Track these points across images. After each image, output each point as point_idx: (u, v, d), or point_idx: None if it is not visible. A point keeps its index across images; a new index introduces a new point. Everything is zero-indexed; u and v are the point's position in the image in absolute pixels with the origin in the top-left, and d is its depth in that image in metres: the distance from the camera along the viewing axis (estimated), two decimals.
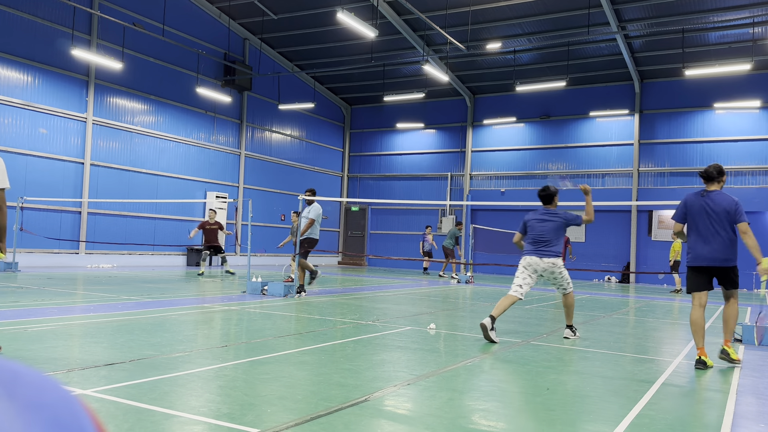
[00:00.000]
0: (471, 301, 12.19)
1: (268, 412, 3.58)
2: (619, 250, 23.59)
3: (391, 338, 6.71)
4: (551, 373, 5.19)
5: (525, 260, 7.07)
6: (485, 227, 23.82)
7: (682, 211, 5.98)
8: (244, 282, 13.71)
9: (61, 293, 9.96)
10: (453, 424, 3.50)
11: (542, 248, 6.99)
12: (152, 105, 20.37)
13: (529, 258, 7.03)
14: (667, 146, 23.32)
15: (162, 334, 6.26)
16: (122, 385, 4.06)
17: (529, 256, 7.03)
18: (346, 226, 29.77)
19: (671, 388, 4.79)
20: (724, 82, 21.92)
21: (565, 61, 22.53)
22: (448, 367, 5.21)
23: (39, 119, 17.11)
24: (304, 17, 21.96)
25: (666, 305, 13.30)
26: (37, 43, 17.09)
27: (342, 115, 29.81)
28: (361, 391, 4.18)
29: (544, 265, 6.95)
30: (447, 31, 18.93)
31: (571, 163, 24.76)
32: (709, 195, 5.79)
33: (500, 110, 26.00)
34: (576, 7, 19.28)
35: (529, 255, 7.05)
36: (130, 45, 19.26)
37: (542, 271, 7.00)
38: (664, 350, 7.00)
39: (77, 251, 18.14)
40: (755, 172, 21.69)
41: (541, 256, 6.96)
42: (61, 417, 0.49)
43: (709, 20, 19.32)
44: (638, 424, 3.68)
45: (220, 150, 22.91)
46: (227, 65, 22.64)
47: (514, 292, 6.99)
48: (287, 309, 9.09)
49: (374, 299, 11.56)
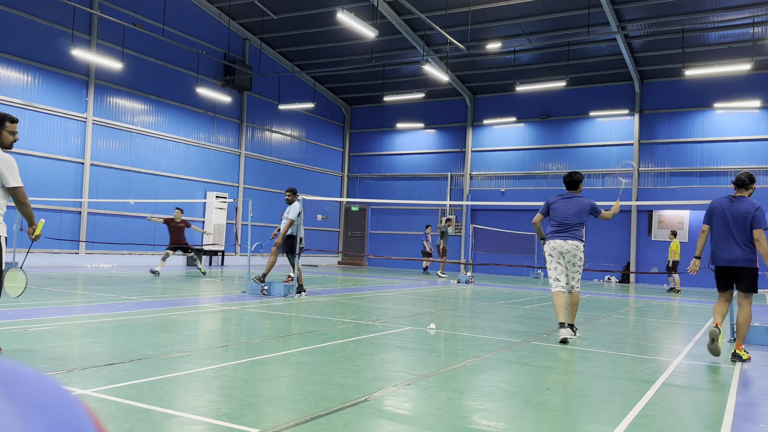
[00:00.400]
0: (471, 301, 12.19)
1: (268, 412, 3.58)
2: (619, 250, 23.58)
3: (391, 338, 6.71)
4: (551, 373, 5.19)
5: (549, 245, 7.12)
6: (485, 227, 23.83)
7: (708, 214, 6.47)
8: (244, 282, 13.72)
9: (61, 293, 9.95)
10: (453, 424, 3.50)
11: (566, 231, 7.05)
12: (152, 105, 20.37)
13: (553, 242, 7.08)
14: (667, 146, 23.32)
15: (162, 334, 6.26)
16: (122, 385, 4.06)
17: (553, 240, 7.09)
18: (346, 226, 29.77)
19: (671, 388, 4.79)
20: (724, 82, 21.92)
21: (565, 61, 22.53)
22: (448, 367, 5.21)
23: (39, 119, 17.11)
24: (304, 17, 21.96)
25: (666, 305, 13.30)
26: (37, 43, 17.09)
27: (342, 115, 29.81)
28: (361, 391, 4.18)
29: (568, 246, 7.02)
30: (447, 31, 18.93)
31: (571, 163, 24.75)
32: (736, 200, 6.16)
33: (500, 110, 26.00)
34: (576, 7, 19.28)
35: (552, 239, 7.10)
36: (130, 45, 19.26)
37: (566, 253, 7.04)
38: (664, 350, 7.00)
39: (77, 251, 18.14)
40: (755, 172, 21.68)
41: (565, 239, 7.03)
42: (61, 417, 0.49)
43: (709, 20, 19.32)
44: (638, 424, 3.67)
45: (220, 150, 22.91)
46: (227, 65, 22.64)
47: (556, 287, 7.05)
48: (287, 309, 9.09)
49: (374, 299, 11.55)
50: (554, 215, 7.18)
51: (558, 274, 7.07)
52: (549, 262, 7.13)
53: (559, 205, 7.18)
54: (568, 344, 6.82)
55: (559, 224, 7.10)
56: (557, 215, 7.14)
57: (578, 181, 7.29)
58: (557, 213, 7.15)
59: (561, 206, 7.17)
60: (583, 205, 7.14)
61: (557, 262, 7.08)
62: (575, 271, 7.10)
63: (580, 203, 7.16)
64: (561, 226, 7.09)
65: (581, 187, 7.33)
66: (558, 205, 7.19)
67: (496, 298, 12.83)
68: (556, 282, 7.07)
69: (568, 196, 7.26)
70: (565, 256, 7.07)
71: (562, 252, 7.05)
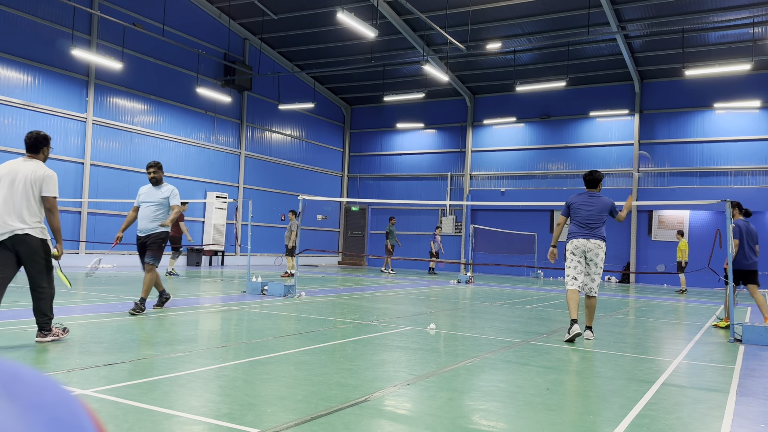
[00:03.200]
0: (471, 302, 12.19)
1: (268, 412, 3.58)
2: (619, 250, 23.58)
3: (391, 338, 6.71)
4: (551, 373, 5.19)
5: (572, 244, 7.10)
6: (485, 227, 23.83)
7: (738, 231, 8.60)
8: (244, 282, 13.71)
9: (61, 293, 9.94)
10: (453, 424, 3.50)
11: (589, 231, 7.05)
12: (152, 105, 20.37)
13: (576, 241, 7.07)
14: (667, 146, 23.31)
15: (162, 334, 6.26)
16: (122, 385, 4.06)
17: (576, 239, 7.08)
18: (346, 226, 29.77)
19: (671, 388, 4.79)
20: (724, 82, 21.92)
21: (565, 61, 22.53)
22: (448, 367, 5.21)
23: (39, 119, 17.10)
24: (304, 17, 21.96)
25: (666, 305, 13.29)
26: (37, 43, 17.09)
27: (342, 115, 29.81)
28: (361, 391, 4.18)
29: (591, 245, 7.02)
30: (447, 31, 18.93)
31: (571, 163, 24.76)
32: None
33: (500, 110, 26.00)
34: (576, 7, 19.28)
35: (576, 238, 7.09)
36: (130, 45, 19.26)
37: (588, 252, 7.04)
38: (664, 350, 7.00)
39: (77, 251, 18.14)
40: (755, 172, 21.68)
41: (588, 238, 7.03)
42: (61, 417, 0.49)
43: (709, 20, 19.32)
44: (638, 424, 3.68)
45: (220, 150, 22.90)
46: (227, 65, 22.64)
47: (572, 286, 7.03)
48: (287, 309, 9.09)
49: (374, 299, 11.55)
50: (576, 215, 7.16)
51: (577, 273, 7.05)
52: (570, 260, 7.10)
53: (581, 205, 7.16)
54: (574, 343, 6.82)
55: (583, 224, 7.09)
56: (580, 214, 7.12)
57: (599, 180, 7.30)
58: (580, 212, 7.13)
59: (583, 205, 7.15)
60: (605, 204, 7.16)
61: (578, 260, 7.08)
62: (596, 272, 7.09)
63: (602, 202, 7.17)
64: (584, 226, 7.08)
65: (601, 185, 7.34)
66: (580, 205, 7.17)
67: (496, 298, 12.83)
68: (573, 281, 7.04)
69: (590, 195, 7.24)
70: (587, 254, 7.07)
71: (584, 251, 7.05)
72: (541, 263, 24.20)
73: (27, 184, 5.47)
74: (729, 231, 7.91)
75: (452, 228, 26.73)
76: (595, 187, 7.30)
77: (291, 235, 17.01)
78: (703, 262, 12.81)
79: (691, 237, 22.12)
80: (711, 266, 9.17)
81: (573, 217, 7.21)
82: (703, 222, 22.34)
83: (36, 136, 5.64)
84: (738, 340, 7.54)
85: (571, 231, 7.18)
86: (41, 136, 5.68)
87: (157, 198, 8.35)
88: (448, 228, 26.82)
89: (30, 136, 5.64)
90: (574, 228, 7.16)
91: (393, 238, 22.16)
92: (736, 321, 8.06)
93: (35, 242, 5.42)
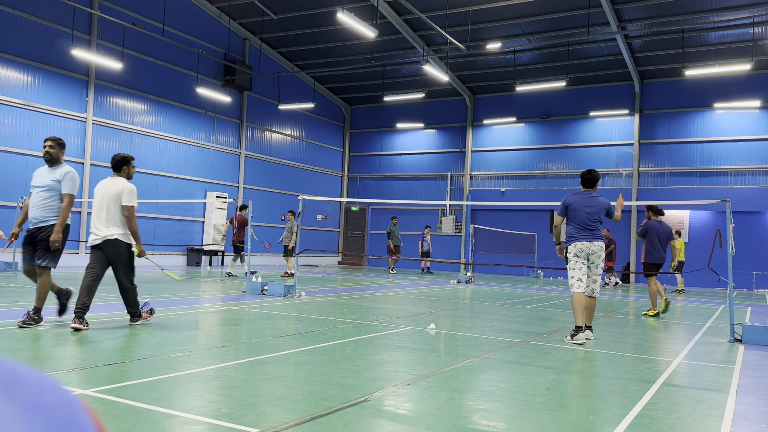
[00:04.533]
0: (471, 302, 12.19)
1: (268, 412, 3.58)
2: (619, 250, 23.54)
3: (391, 338, 6.71)
4: (551, 373, 5.19)
5: (576, 247, 7.07)
6: (485, 227, 23.84)
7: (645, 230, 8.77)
8: (243, 282, 13.72)
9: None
10: (453, 424, 3.50)
11: (590, 233, 7.05)
12: (152, 105, 20.37)
13: (580, 244, 7.05)
14: (667, 146, 23.32)
15: (162, 334, 6.26)
16: (122, 385, 4.06)
17: (580, 242, 7.05)
18: (346, 226, 29.77)
19: (671, 388, 4.79)
20: (724, 82, 21.92)
21: (565, 61, 22.54)
22: (448, 367, 5.21)
23: (39, 119, 17.11)
24: (304, 17, 21.96)
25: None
26: (37, 43, 17.09)
27: (342, 115, 29.81)
28: (361, 391, 4.18)
29: (594, 248, 7.03)
30: (447, 31, 18.93)
31: (571, 163, 24.76)
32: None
33: (500, 110, 26.00)
34: (576, 7, 19.28)
35: (579, 240, 7.06)
36: (130, 45, 19.26)
37: (591, 254, 7.05)
38: (664, 350, 7.00)
39: (77, 251, 18.14)
40: (755, 172, 21.68)
41: (591, 240, 7.03)
42: (61, 417, 0.49)
43: (709, 20, 19.32)
44: (638, 424, 3.68)
45: (220, 150, 22.91)
46: (227, 65, 22.64)
47: (578, 288, 7.01)
48: (287, 309, 9.09)
49: (374, 299, 11.55)
50: (576, 216, 7.11)
51: (582, 275, 7.03)
52: (574, 263, 7.06)
53: (580, 206, 7.12)
54: (583, 346, 6.81)
55: (583, 225, 7.07)
56: (579, 216, 7.09)
57: (596, 179, 7.29)
58: (579, 213, 7.09)
59: (582, 206, 7.11)
60: (602, 204, 7.16)
61: (582, 263, 7.06)
62: (597, 273, 7.10)
63: (599, 203, 7.16)
64: (585, 228, 7.06)
65: (597, 185, 7.34)
66: (578, 206, 7.12)
67: (496, 298, 12.83)
68: (579, 282, 7.01)
69: (588, 196, 7.21)
70: (591, 257, 7.06)
71: (588, 253, 7.04)
72: (541, 263, 24.20)
73: (111, 198, 6.55)
74: (729, 231, 7.90)
75: (452, 228, 26.75)
76: (593, 186, 7.29)
77: (291, 236, 17.02)
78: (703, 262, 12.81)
79: (691, 237, 22.13)
80: (711, 266, 9.17)
81: (571, 218, 7.15)
82: (703, 222, 22.34)
83: (119, 158, 6.82)
84: (738, 340, 7.55)
85: (571, 233, 7.14)
86: (122, 158, 6.83)
87: (47, 180, 6.50)
88: (448, 228, 26.84)
89: (114, 158, 6.83)
90: (574, 230, 7.12)
91: (395, 238, 22.15)
92: (735, 321, 8.06)
93: (122, 246, 6.55)
